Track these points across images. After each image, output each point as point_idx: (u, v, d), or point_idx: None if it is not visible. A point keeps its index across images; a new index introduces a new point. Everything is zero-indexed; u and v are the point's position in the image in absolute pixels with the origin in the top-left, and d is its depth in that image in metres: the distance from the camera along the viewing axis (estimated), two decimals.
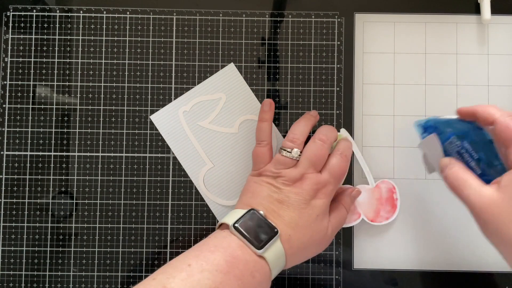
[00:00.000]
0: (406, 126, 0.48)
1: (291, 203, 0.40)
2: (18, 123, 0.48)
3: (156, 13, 0.48)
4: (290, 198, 0.40)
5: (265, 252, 0.38)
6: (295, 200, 0.40)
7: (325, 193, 0.41)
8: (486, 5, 0.47)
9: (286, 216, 0.40)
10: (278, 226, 0.39)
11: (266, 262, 0.38)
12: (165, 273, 0.35)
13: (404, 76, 0.48)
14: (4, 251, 0.47)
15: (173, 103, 0.48)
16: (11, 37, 0.48)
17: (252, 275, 0.37)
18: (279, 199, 0.41)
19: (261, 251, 0.37)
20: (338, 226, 0.44)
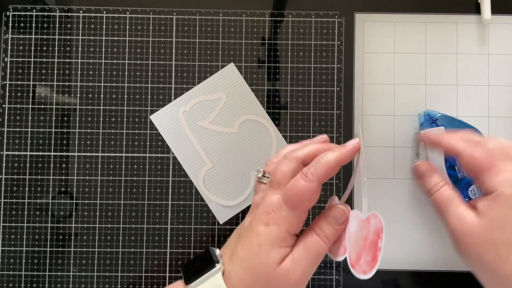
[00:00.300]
0: (406, 126, 0.48)
1: (242, 233, 0.34)
2: (18, 123, 0.48)
3: (156, 13, 0.48)
4: (244, 228, 0.35)
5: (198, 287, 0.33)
6: (246, 229, 0.34)
7: (276, 219, 0.33)
8: (486, 5, 0.47)
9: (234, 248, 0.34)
10: (225, 262, 0.34)
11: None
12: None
13: (404, 76, 0.48)
14: (4, 251, 0.47)
15: (173, 103, 0.48)
16: (11, 37, 0.48)
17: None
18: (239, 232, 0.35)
19: (192, 284, 0.33)
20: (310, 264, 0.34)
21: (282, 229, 0.33)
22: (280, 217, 0.33)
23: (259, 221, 0.33)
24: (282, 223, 0.33)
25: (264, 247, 0.33)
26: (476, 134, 0.37)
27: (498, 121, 0.48)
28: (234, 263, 0.33)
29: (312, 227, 0.35)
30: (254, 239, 0.33)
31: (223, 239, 0.47)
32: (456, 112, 0.48)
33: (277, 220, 0.33)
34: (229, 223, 0.47)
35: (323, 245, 0.34)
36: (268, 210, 0.33)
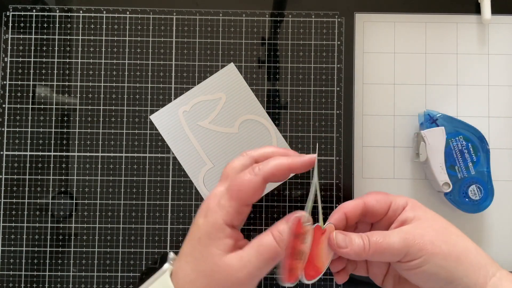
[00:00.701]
0: (406, 126, 0.48)
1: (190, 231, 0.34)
2: (18, 123, 0.48)
3: (156, 13, 0.48)
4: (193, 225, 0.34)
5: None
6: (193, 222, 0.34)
7: (214, 209, 0.32)
8: (486, 5, 0.47)
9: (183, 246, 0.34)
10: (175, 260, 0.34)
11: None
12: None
13: (404, 76, 0.48)
14: (4, 251, 0.47)
15: (173, 103, 0.48)
16: (11, 37, 0.48)
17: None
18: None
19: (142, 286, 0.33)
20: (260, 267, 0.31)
21: (219, 218, 0.32)
22: (218, 206, 0.32)
23: (200, 213, 0.33)
24: (219, 212, 0.32)
25: (203, 240, 0.32)
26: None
27: (498, 121, 0.48)
28: (180, 261, 0.33)
29: (269, 229, 0.33)
30: (195, 233, 0.33)
31: None
32: (456, 112, 0.48)
33: (215, 209, 0.32)
34: None
35: (277, 248, 0.32)
36: (209, 202, 0.33)
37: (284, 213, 0.47)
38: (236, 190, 0.32)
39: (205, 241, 0.32)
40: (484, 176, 0.44)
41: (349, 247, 0.34)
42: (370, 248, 0.33)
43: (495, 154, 0.46)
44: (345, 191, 0.48)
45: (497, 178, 0.46)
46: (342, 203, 0.37)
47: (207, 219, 0.32)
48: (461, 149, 0.44)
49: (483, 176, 0.44)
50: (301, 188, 0.47)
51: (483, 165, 0.44)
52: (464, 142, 0.44)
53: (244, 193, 0.32)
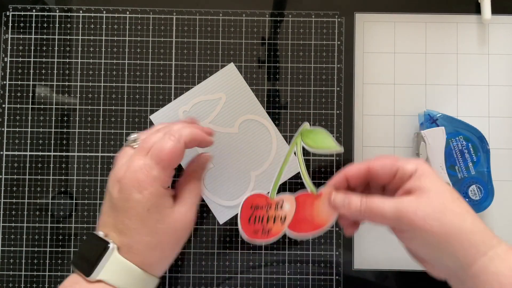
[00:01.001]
0: (406, 126, 0.48)
1: (118, 206, 0.35)
2: (18, 123, 0.48)
3: (156, 13, 0.48)
4: (115, 199, 0.36)
5: (100, 274, 0.34)
6: (118, 200, 0.35)
7: (149, 182, 0.35)
8: (486, 5, 0.47)
9: (119, 223, 0.35)
10: (114, 239, 0.35)
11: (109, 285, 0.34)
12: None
13: (404, 76, 0.48)
14: (4, 251, 0.47)
15: (173, 103, 0.48)
16: (11, 37, 0.48)
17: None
18: (111, 206, 0.36)
19: (93, 274, 0.34)
20: (195, 201, 0.39)
21: (158, 188, 0.36)
22: (152, 179, 0.35)
23: (133, 189, 0.35)
24: (155, 182, 0.35)
25: (152, 209, 0.35)
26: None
27: (498, 121, 0.48)
28: (129, 236, 0.35)
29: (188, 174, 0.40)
30: (138, 208, 0.35)
31: (223, 239, 0.47)
32: (456, 112, 0.48)
33: (150, 182, 0.35)
34: (229, 223, 0.47)
35: (198, 184, 0.40)
36: (137, 176, 0.35)
37: None
38: (168, 160, 0.36)
39: (155, 209, 0.36)
40: (484, 176, 0.44)
41: (346, 208, 0.36)
42: (365, 212, 0.35)
43: (495, 154, 0.46)
44: None
45: (497, 178, 0.46)
46: (347, 166, 0.38)
47: (147, 191, 0.35)
48: (461, 149, 0.44)
49: (483, 176, 0.44)
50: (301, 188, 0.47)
51: (483, 165, 0.44)
52: (464, 142, 0.44)
53: (174, 160, 0.36)
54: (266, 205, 0.41)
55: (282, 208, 0.41)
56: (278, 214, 0.40)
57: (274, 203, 0.41)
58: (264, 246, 0.47)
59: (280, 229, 0.40)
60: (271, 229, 0.40)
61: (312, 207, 0.40)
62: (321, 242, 0.47)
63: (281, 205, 0.41)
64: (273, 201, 0.41)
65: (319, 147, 0.42)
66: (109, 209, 0.37)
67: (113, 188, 0.36)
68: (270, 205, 0.41)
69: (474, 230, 0.32)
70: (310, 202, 0.40)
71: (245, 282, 0.47)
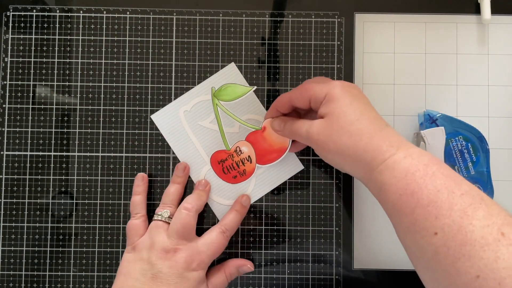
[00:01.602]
0: (406, 126, 0.48)
1: (165, 278, 0.40)
2: (18, 123, 0.48)
3: (156, 13, 0.48)
4: (163, 273, 0.40)
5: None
6: (169, 274, 0.40)
7: (200, 265, 0.42)
8: (486, 5, 0.47)
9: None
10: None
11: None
12: None
13: (404, 76, 0.48)
14: (4, 251, 0.47)
15: (174, 103, 0.48)
16: (11, 37, 0.48)
17: None
18: (153, 275, 0.40)
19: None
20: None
21: (204, 270, 0.43)
22: (203, 263, 0.42)
23: (187, 268, 0.41)
24: (205, 266, 0.42)
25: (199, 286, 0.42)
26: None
27: (498, 121, 0.48)
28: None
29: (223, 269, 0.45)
30: (188, 283, 0.41)
31: None
32: (456, 112, 0.48)
33: (201, 265, 0.42)
34: None
35: (226, 283, 0.45)
36: (192, 258, 0.41)
37: (284, 212, 0.47)
38: (216, 253, 0.43)
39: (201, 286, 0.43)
40: (484, 176, 0.45)
41: (282, 129, 0.43)
42: (289, 133, 0.43)
43: (495, 154, 0.46)
44: (345, 191, 0.48)
45: (497, 178, 0.46)
46: (276, 99, 0.44)
47: (198, 272, 0.42)
48: (461, 149, 0.44)
49: (483, 176, 0.45)
50: (301, 188, 0.48)
51: (483, 165, 0.45)
52: (463, 142, 0.44)
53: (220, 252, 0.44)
54: (228, 155, 0.47)
55: (242, 152, 0.46)
56: (242, 157, 0.47)
57: (233, 151, 0.47)
58: (264, 245, 0.47)
59: (252, 167, 0.46)
60: (245, 169, 0.47)
61: (264, 140, 0.46)
62: (321, 242, 0.47)
63: (240, 150, 0.47)
64: (231, 150, 0.47)
65: (234, 97, 0.45)
66: (147, 277, 0.41)
67: (160, 261, 0.41)
68: (231, 154, 0.47)
69: (367, 148, 0.36)
70: (260, 137, 0.46)
71: (245, 282, 0.47)
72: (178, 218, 0.43)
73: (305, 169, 0.47)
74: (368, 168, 0.36)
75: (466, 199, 0.31)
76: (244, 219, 0.47)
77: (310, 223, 0.47)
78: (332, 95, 0.38)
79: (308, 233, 0.47)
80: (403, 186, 0.33)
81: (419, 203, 0.32)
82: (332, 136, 0.37)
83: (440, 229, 0.31)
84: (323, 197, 0.47)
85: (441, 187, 0.32)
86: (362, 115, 0.37)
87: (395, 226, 0.35)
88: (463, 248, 0.30)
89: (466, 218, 0.31)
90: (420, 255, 0.33)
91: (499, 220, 0.30)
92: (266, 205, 0.47)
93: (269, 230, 0.47)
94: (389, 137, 0.36)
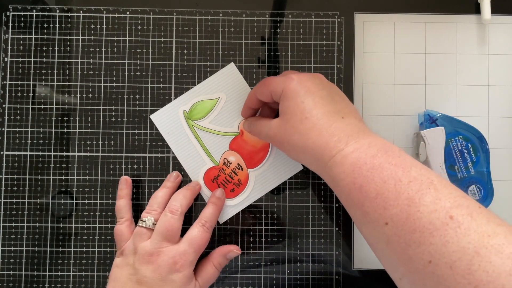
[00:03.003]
0: (406, 126, 0.48)
1: (149, 282, 0.40)
2: (18, 123, 0.48)
3: (156, 13, 0.48)
4: (148, 277, 0.40)
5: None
6: (152, 278, 0.40)
7: (184, 264, 0.41)
8: (486, 5, 0.47)
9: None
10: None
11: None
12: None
13: (404, 76, 0.48)
14: (4, 251, 0.47)
15: (173, 103, 0.48)
16: (11, 37, 0.48)
17: None
18: (138, 280, 0.40)
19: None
20: (205, 285, 0.44)
21: (189, 270, 0.42)
22: (187, 262, 0.41)
23: (171, 270, 0.41)
24: (189, 265, 0.42)
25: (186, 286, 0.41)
26: None
27: (498, 121, 0.48)
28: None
29: (211, 260, 0.45)
30: (172, 285, 0.40)
31: (223, 239, 0.47)
32: (456, 112, 0.48)
33: (185, 265, 0.41)
34: (229, 222, 0.47)
35: (216, 273, 0.45)
36: (175, 260, 0.41)
37: (283, 212, 0.47)
38: (200, 249, 0.43)
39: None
40: (484, 176, 0.45)
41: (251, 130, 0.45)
42: (254, 132, 0.44)
43: (495, 154, 0.46)
44: None
45: (497, 178, 0.46)
46: (247, 95, 0.45)
47: (182, 273, 0.41)
48: (461, 149, 0.44)
49: (483, 176, 0.45)
50: (301, 188, 0.48)
51: (483, 165, 0.45)
52: (463, 142, 0.44)
53: (204, 247, 0.43)
54: (219, 170, 0.47)
55: (230, 162, 0.47)
56: (233, 167, 0.47)
57: (222, 164, 0.47)
58: (264, 245, 0.47)
59: (245, 173, 0.47)
60: (239, 179, 0.47)
61: (246, 143, 0.47)
62: (320, 241, 0.47)
63: (228, 161, 0.47)
64: (220, 163, 0.47)
65: (206, 113, 0.47)
66: (132, 282, 0.41)
67: (144, 266, 0.41)
68: (221, 168, 0.47)
69: (315, 147, 0.36)
70: (242, 142, 0.47)
71: (244, 282, 0.47)
72: (163, 221, 0.42)
73: (305, 169, 0.47)
74: (319, 164, 0.37)
75: (413, 186, 0.31)
76: (244, 219, 0.47)
77: (310, 223, 0.47)
78: (287, 91, 0.39)
79: (308, 233, 0.47)
80: (352, 181, 0.34)
81: (367, 196, 0.33)
82: (285, 136, 0.38)
83: (389, 219, 0.31)
84: (323, 197, 0.47)
85: (388, 178, 0.32)
86: (311, 112, 0.37)
87: (352, 218, 0.36)
88: (413, 235, 0.30)
89: (414, 206, 0.31)
90: (376, 245, 0.34)
91: (448, 203, 0.30)
92: (266, 205, 0.47)
93: (269, 230, 0.47)
94: (339, 131, 0.36)
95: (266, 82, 0.41)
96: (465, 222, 0.29)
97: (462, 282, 0.28)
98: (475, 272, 0.27)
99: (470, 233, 0.28)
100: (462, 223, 0.29)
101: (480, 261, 0.27)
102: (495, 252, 0.27)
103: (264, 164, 0.46)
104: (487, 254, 0.27)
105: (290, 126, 0.38)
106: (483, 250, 0.28)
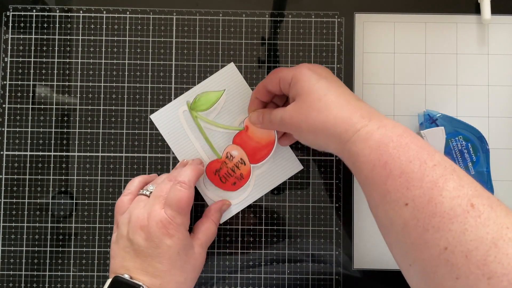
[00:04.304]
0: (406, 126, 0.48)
1: (146, 252, 0.38)
2: (18, 123, 0.48)
3: (156, 13, 0.48)
4: (142, 247, 0.39)
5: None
6: (147, 248, 0.38)
7: (175, 228, 0.39)
8: (486, 5, 0.47)
9: (149, 267, 0.38)
10: (145, 282, 0.38)
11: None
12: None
13: (404, 76, 0.48)
14: (4, 251, 0.47)
15: (173, 103, 0.48)
16: (11, 37, 0.48)
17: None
18: (135, 251, 0.39)
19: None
20: (208, 241, 0.43)
21: (184, 232, 0.40)
22: (178, 225, 0.39)
23: (162, 236, 0.39)
24: (181, 228, 0.40)
25: (182, 251, 0.39)
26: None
27: (498, 121, 0.48)
28: (161, 278, 0.38)
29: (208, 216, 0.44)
30: (170, 252, 0.39)
31: (223, 239, 0.47)
32: (456, 112, 0.48)
33: (177, 229, 0.39)
34: (229, 222, 0.47)
35: (215, 227, 0.44)
36: (164, 224, 0.39)
37: (283, 212, 0.47)
38: (185, 209, 0.40)
39: (183, 252, 0.40)
40: (484, 176, 0.45)
41: (260, 122, 0.44)
42: (267, 123, 0.43)
43: (495, 154, 0.46)
44: (345, 191, 0.48)
45: (497, 178, 0.46)
46: (255, 88, 0.45)
47: (176, 237, 0.39)
48: (461, 149, 0.44)
49: (483, 176, 0.45)
50: (301, 188, 0.48)
51: (483, 165, 0.45)
52: (463, 142, 0.44)
53: (190, 205, 0.41)
54: (221, 163, 0.47)
55: (233, 156, 0.46)
56: (235, 161, 0.46)
57: (224, 158, 0.47)
58: (264, 245, 0.47)
59: (248, 168, 0.46)
60: (242, 173, 0.46)
61: (251, 138, 0.46)
62: (320, 241, 0.47)
63: (231, 155, 0.47)
64: (223, 157, 0.47)
65: (210, 105, 0.47)
66: (130, 254, 0.39)
67: (137, 236, 0.39)
68: (223, 161, 0.47)
69: (337, 122, 0.36)
70: (246, 137, 0.46)
71: (244, 282, 0.47)
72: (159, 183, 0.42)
73: (305, 169, 0.48)
74: (340, 141, 0.36)
75: (438, 170, 0.31)
76: (244, 219, 0.47)
77: (310, 223, 0.47)
78: (298, 76, 0.39)
79: (308, 233, 0.47)
80: (376, 157, 0.33)
81: (391, 174, 0.32)
82: (302, 116, 0.38)
83: (410, 200, 0.31)
84: (323, 197, 0.47)
85: (414, 158, 0.32)
86: (329, 90, 0.37)
87: (367, 198, 0.35)
88: (433, 219, 0.30)
89: (437, 189, 0.30)
90: (390, 228, 0.33)
91: (470, 191, 0.30)
92: (266, 205, 0.47)
93: (269, 230, 0.47)
94: (360, 109, 0.36)
95: (275, 71, 0.42)
96: (485, 212, 0.29)
97: (476, 272, 0.27)
98: (490, 263, 0.27)
99: (490, 223, 0.28)
100: (482, 212, 0.29)
101: (497, 252, 0.27)
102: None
103: (267, 161, 0.46)
104: (504, 246, 0.27)
105: (307, 106, 0.38)
106: (501, 242, 0.27)
